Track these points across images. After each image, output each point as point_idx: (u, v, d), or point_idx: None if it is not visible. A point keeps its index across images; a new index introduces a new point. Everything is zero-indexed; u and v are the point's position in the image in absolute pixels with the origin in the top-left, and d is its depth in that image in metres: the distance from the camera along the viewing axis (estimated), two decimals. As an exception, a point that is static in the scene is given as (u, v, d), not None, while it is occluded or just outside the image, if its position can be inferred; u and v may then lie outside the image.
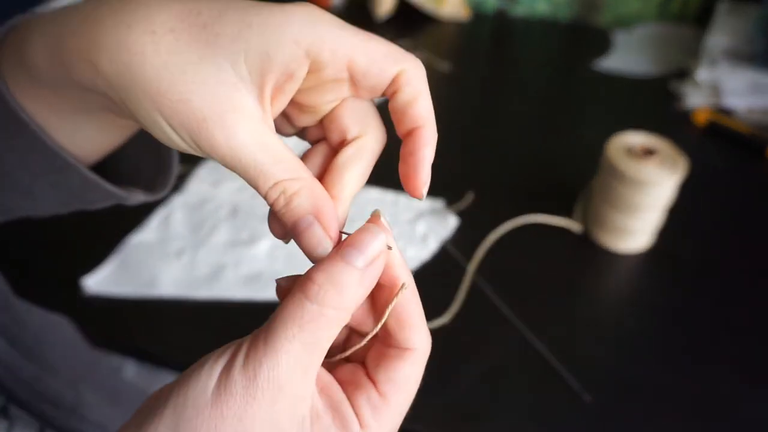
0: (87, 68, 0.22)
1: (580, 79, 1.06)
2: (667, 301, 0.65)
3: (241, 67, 0.22)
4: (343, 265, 0.21)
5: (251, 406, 0.20)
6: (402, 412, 0.24)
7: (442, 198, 0.77)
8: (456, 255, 0.69)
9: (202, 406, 0.20)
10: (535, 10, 1.26)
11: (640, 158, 0.65)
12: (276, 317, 0.21)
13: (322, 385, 0.23)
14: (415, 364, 0.24)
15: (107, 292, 0.64)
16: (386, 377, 0.24)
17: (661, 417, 0.54)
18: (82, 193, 0.31)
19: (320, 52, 0.22)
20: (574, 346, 0.60)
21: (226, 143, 0.22)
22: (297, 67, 0.22)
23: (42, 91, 0.27)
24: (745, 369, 0.58)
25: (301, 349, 0.21)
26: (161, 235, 0.71)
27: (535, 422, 0.54)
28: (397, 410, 0.24)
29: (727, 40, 1.00)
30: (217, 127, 0.21)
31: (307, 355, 0.21)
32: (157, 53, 0.21)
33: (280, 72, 0.22)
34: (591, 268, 0.69)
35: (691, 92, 0.96)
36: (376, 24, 1.21)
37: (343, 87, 0.25)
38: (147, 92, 0.21)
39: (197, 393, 0.21)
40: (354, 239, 0.22)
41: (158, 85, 0.21)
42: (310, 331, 0.21)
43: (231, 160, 0.22)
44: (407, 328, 0.24)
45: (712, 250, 0.71)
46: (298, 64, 0.22)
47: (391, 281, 0.24)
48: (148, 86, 0.21)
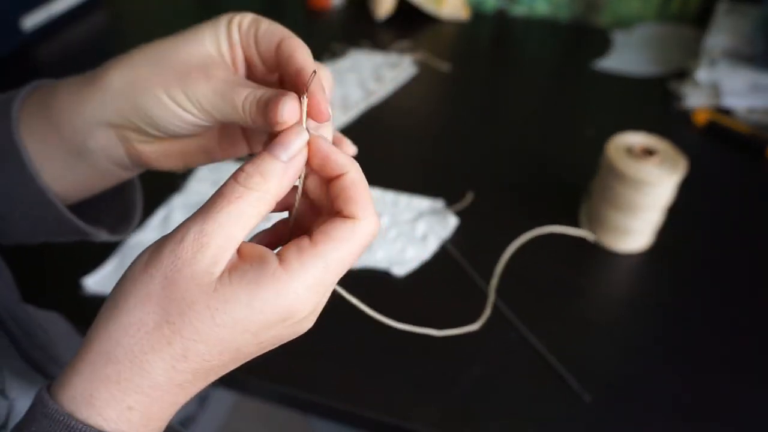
0: None
1: (580, 79, 1.06)
2: (667, 301, 0.65)
3: None
4: (270, 157, 0.26)
5: (174, 262, 0.24)
6: (330, 268, 0.25)
7: (442, 198, 0.77)
8: (456, 255, 0.69)
9: (135, 275, 0.25)
10: (535, 10, 1.26)
11: (640, 158, 0.65)
12: (210, 197, 0.25)
13: (246, 250, 0.25)
14: (355, 232, 0.26)
15: (107, 292, 0.64)
16: (321, 230, 0.25)
17: (661, 417, 0.54)
18: (54, 227, 0.35)
19: None
20: (574, 346, 0.60)
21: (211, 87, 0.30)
22: None
23: (50, 133, 0.32)
24: (744, 369, 0.58)
25: (225, 221, 0.24)
26: (161, 234, 0.71)
27: (535, 422, 0.54)
28: (323, 260, 0.25)
29: (727, 40, 1.00)
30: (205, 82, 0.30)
31: (230, 226, 0.24)
32: None
33: None
34: (591, 268, 0.69)
35: (690, 92, 0.96)
36: (376, 24, 1.21)
37: None
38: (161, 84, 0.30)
39: (131, 270, 0.26)
40: (281, 137, 0.26)
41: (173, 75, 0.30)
42: (235, 206, 0.25)
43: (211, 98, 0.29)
44: (351, 203, 0.26)
45: (711, 250, 0.71)
46: None
47: (333, 170, 0.27)
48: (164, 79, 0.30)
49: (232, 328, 0.24)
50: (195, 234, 0.24)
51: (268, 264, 0.24)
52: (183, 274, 0.24)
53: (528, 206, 0.77)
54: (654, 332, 0.62)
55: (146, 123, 0.31)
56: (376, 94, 0.98)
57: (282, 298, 0.24)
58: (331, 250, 0.25)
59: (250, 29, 0.31)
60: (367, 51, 1.11)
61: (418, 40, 1.16)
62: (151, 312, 0.24)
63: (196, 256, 0.24)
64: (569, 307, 0.64)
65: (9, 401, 0.37)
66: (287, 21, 1.24)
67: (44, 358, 0.39)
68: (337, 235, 0.25)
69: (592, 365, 0.58)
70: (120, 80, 0.30)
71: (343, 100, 0.98)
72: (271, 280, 0.24)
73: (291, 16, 1.27)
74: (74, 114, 0.32)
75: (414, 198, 0.77)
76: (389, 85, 1.01)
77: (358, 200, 0.26)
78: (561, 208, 0.76)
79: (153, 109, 0.30)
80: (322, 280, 0.25)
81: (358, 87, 1.01)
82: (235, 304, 0.24)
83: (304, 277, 0.24)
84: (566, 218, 0.74)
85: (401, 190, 0.78)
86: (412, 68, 1.06)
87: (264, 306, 0.24)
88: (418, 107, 0.97)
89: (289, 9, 1.29)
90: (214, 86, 0.29)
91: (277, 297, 0.24)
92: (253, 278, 0.24)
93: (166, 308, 0.24)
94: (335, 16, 1.25)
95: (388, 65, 1.06)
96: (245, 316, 0.24)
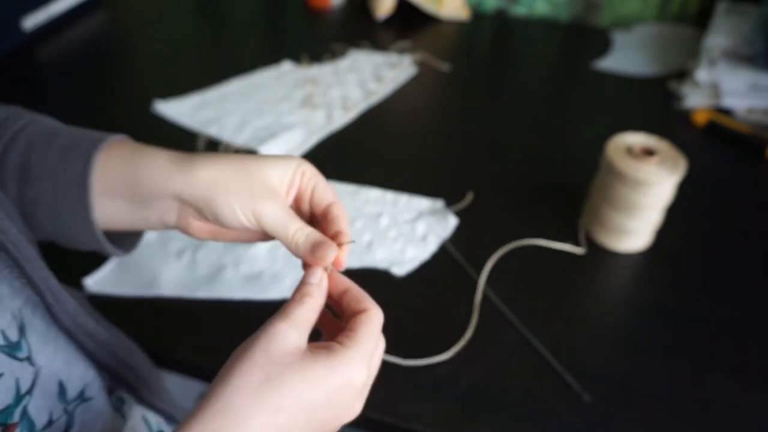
0: None
1: (579, 79, 1.06)
2: (667, 301, 0.65)
3: None
4: (309, 282, 0.36)
5: (271, 342, 0.32)
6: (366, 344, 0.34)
7: (442, 198, 0.77)
8: (456, 255, 0.69)
9: (236, 358, 0.32)
10: (534, 10, 1.26)
11: (639, 158, 0.65)
12: (287, 303, 0.35)
13: (316, 345, 0.34)
14: (373, 317, 0.35)
15: (107, 292, 0.65)
16: (351, 322, 0.35)
17: (661, 417, 0.54)
18: (85, 244, 0.42)
19: None
20: (574, 346, 0.60)
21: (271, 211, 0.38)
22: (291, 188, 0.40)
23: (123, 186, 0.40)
24: (744, 369, 0.58)
25: (303, 313, 0.34)
26: (161, 235, 0.72)
27: (535, 422, 0.54)
28: (364, 338, 0.34)
29: (727, 40, 1.00)
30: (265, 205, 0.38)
31: (306, 314, 0.34)
32: None
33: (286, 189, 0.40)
34: (590, 268, 0.69)
35: (690, 92, 0.96)
36: (376, 24, 1.21)
37: None
38: (231, 198, 0.38)
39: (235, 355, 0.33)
40: (311, 269, 0.37)
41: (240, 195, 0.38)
42: (305, 304, 0.35)
43: (272, 220, 0.38)
44: (358, 301, 0.36)
45: (711, 250, 0.71)
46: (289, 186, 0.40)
47: (339, 288, 0.38)
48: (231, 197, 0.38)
49: (314, 386, 0.32)
50: (281, 322, 0.33)
51: (333, 347, 0.33)
52: (279, 345, 0.32)
53: (528, 206, 0.77)
54: (654, 332, 0.62)
55: (210, 213, 0.38)
56: (376, 95, 0.98)
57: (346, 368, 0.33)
58: (369, 334, 0.34)
59: (311, 180, 0.40)
60: (367, 51, 1.11)
61: (418, 40, 1.16)
62: (256, 375, 0.31)
63: (287, 334, 0.33)
64: (569, 307, 0.64)
65: (36, 368, 0.38)
66: (287, 21, 1.24)
67: (73, 325, 0.42)
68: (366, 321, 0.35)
69: (592, 365, 0.58)
70: (207, 176, 0.38)
71: (343, 100, 0.98)
72: (336, 355, 0.33)
73: (291, 16, 1.27)
74: (155, 182, 0.39)
75: (414, 198, 0.77)
76: (389, 86, 1.01)
77: (362, 298, 0.36)
78: (561, 208, 0.76)
79: (222, 209, 0.37)
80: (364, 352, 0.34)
81: (358, 87, 1.01)
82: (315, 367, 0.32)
83: (355, 355, 0.33)
84: (566, 218, 0.74)
85: (401, 190, 0.78)
86: (412, 68, 1.06)
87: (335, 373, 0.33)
88: (418, 107, 0.97)
89: (289, 9, 1.29)
90: (276, 212, 0.37)
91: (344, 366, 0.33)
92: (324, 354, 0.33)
93: (267, 371, 0.31)
94: (335, 16, 1.25)
95: (388, 65, 1.06)
96: (323, 375, 0.32)
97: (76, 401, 0.42)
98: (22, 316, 0.38)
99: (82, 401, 0.42)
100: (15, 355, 0.36)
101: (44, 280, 0.39)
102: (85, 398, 0.43)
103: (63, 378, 0.41)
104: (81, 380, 0.43)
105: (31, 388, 0.37)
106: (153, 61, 1.12)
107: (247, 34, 1.22)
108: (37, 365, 0.38)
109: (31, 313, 0.39)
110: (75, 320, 0.42)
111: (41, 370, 0.39)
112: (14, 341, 0.37)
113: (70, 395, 0.41)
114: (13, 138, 0.41)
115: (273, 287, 0.66)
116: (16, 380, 0.36)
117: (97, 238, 0.41)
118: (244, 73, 1.04)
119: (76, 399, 0.42)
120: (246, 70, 1.05)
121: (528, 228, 0.73)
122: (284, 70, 1.06)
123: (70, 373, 0.42)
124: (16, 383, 0.36)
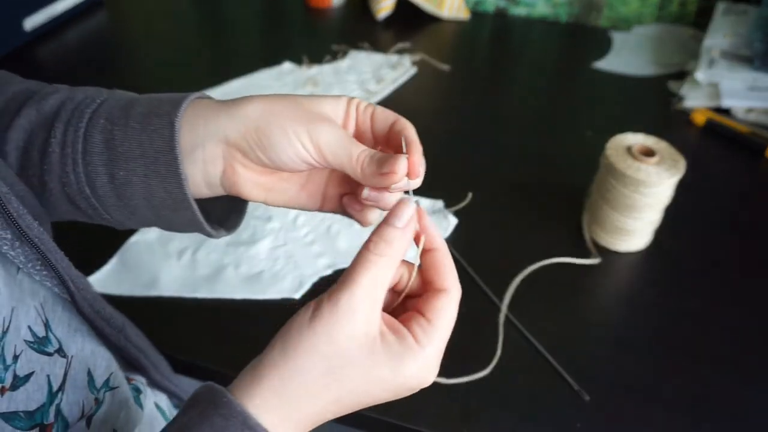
0: None
1: (579, 79, 1.06)
2: (666, 301, 0.65)
3: None
4: (389, 227, 0.32)
5: (336, 323, 0.30)
6: (444, 338, 0.32)
7: (442, 198, 0.77)
8: (456, 255, 0.69)
9: (302, 328, 0.30)
10: (534, 10, 1.27)
11: (639, 158, 0.65)
12: (350, 267, 0.31)
13: (386, 319, 0.32)
14: (451, 301, 0.33)
15: (107, 292, 0.65)
16: (431, 307, 0.32)
17: (660, 416, 0.54)
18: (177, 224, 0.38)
19: None
20: (574, 345, 0.60)
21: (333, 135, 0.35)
22: None
23: None
24: (743, 368, 0.58)
25: (368, 283, 0.30)
26: (161, 235, 0.72)
27: (535, 422, 0.54)
28: (440, 333, 0.31)
29: (726, 40, 1.00)
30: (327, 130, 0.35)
31: (372, 288, 0.30)
32: None
33: None
34: (590, 268, 0.69)
35: (689, 93, 0.96)
36: (376, 24, 1.21)
37: None
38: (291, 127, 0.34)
39: (298, 323, 0.30)
40: (394, 209, 0.33)
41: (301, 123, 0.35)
42: (373, 271, 0.31)
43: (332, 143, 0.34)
44: (442, 275, 0.33)
45: (710, 250, 0.72)
46: None
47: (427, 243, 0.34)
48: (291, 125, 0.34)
49: (378, 384, 0.31)
50: (347, 298, 0.30)
51: (407, 341, 0.31)
52: (345, 334, 0.30)
53: (528, 206, 0.77)
54: (653, 332, 0.62)
55: (261, 147, 0.34)
56: (376, 95, 0.99)
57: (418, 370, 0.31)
58: (445, 325, 0.32)
59: (367, 109, 0.37)
60: (367, 51, 1.11)
61: (418, 40, 1.17)
62: (318, 362, 0.30)
63: (352, 318, 0.30)
64: (569, 307, 0.64)
65: (68, 359, 0.38)
66: (287, 21, 1.23)
67: (92, 311, 0.41)
68: (443, 308, 0.32)
69: (592, 365, 0.58)
70: (255, 109, 0.35)
71: (343, 100, 0.98)
72: (411, 356, 0.31)
73: (291, 16, 1.27)
74: (200, 126, 0.35)
75: (414, 198, 0.77)
76: (389, 86, 1.01)
77: (446, 272, 0.33)
78: (561, 208, 0.76)
79: (275, 137, 0.34)
80: (440, 349, 0.32)
81: (359, 87, 1.01)
82: (383, 369, 0.30)
83: (431, 352, 0.31)
84: (566, 218, 0.74)
85: (401, 190, 0.78)
86: (412, 68, 1.06)
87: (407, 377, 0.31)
88: (418, 107, 0.97)
89: (289, 9, 1.29)
90: (336, 135, 0.34)
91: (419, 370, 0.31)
92: (398, 352, 0.30)
93: (330, 362, 0.30)
94: (335, 16, 1.26)
95: (388, 65, 1.07)
96: (391, 379, 0.31)
97: (103, 389, 0.42)
98: (45, 311, 0.38)
99: (108, 389, 0.43)
100: (45, 350, 0.36)
101: (67, 269, 0.38)
102: (110, 387, 0.43)
103: (90, 366, 0.41)
104: (107, 369, 0.43)
105: (63, 384, 0.37)
106: (153, 62, 1.12)
107: (248, 34, 1.22)
108: (69, 355, 0.39)
109: (51, 307, 0.39)
110: (93, 306, 0.42)
111: (72, 360, 0.39)
112: (42, 336, 0.36)
113: (98, 383, 0.42)
114: (91, 118, 0.37)
115: (273, 287, 0.66)
116: (47, 377, 0.36)
117: (194, 214, 0.37)
118: (245, 73, 1.04)
119: (103, 387, 0.42)
120: (246, 71, 1.05)
121: (528, 228, 0.73)
122: (285, 70, 1.06)
123: (96, 361, 0.42)
124: (47, 380, 0.36)
